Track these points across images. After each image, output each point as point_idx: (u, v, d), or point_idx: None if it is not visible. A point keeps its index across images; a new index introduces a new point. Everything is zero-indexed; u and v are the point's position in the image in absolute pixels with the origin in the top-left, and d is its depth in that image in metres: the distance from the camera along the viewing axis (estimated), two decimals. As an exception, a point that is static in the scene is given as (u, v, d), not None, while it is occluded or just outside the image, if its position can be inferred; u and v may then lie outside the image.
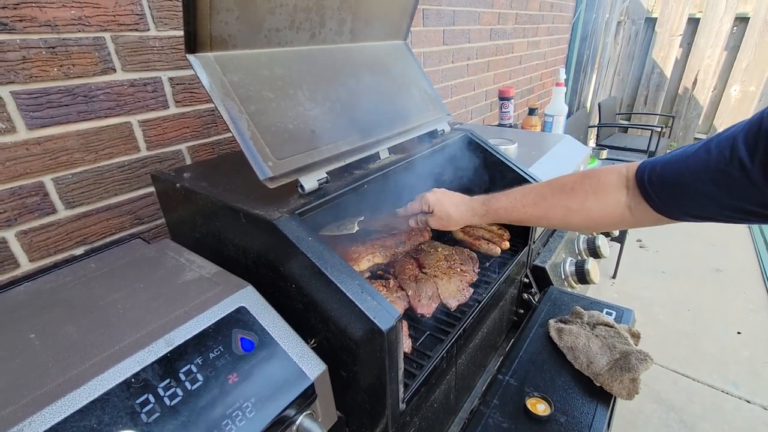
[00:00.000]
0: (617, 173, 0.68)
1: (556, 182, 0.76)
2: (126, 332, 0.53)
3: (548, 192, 0.76)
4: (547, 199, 0.75)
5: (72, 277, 0.68)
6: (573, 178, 0.74)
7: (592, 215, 0.70)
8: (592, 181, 0.71)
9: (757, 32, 4.54)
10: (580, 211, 0.71)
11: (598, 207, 0.70)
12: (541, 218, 0.77)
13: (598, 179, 0.70)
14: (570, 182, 0.73)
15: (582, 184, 0.71)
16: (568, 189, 0.73)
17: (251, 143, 0.63)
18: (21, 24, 0.74)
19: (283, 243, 0.59)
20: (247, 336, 0.56)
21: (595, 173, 0.71)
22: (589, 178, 0.71)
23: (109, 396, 0.45)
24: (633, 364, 0.76)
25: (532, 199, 0.77)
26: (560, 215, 0.74)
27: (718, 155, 0.53)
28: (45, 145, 0.81)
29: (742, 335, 2.26)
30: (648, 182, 0.63)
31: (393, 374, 0.58)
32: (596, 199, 0.70)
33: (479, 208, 0.84)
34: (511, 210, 0.79)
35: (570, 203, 0.72)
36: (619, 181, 0.68)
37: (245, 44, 0.68)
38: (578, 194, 0.71)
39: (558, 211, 0.74)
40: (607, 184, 0.69)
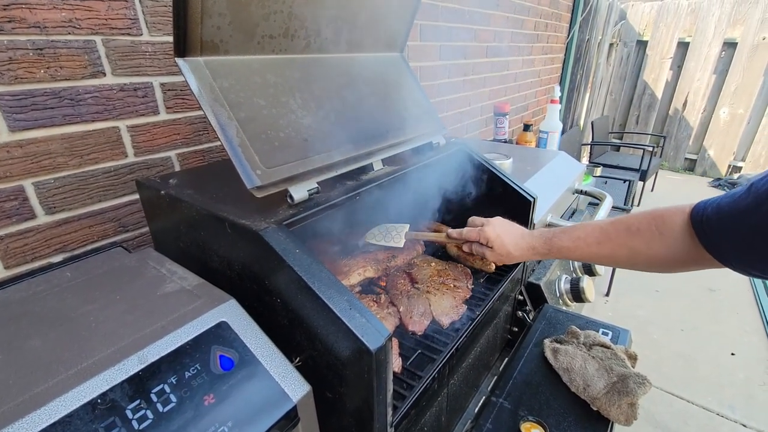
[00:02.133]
0: (682, 213, 0.66)
1: (621, 222, 0.74)
2: (96, 347, 0.50)
3: (613, 232, 0.73)
4: (613, 240, 0.73)
5: (45, 286, 0.65)
6: (638, 218, 0.71)
7: (659, 256, 0.68)
8: (657, 221, 0.68)
9: (744, 57, 4.67)
10: (647, 253, 0.69)
11: (663, 248, 0.67)
12: (605, 258, 0.75)
13: (663, 220, 0.68)
14: (636, 222, 0.71)
15: (648, 224, 0.69)
16: (633, 230, 0.70)
17: (240, 150, 0.61)
18: (9, 25, 0.73)
19: (269, 255, 0.57)
20: (226, 353, 0.52)
21: (660, 213, 0.69)
22: (653, 219, 0.69)
23: (71, 419, 0.42)
24: (631, 388, 0.74)
25: (596, 238, 0.75)
26: (626, 255, 0.72)
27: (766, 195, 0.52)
28: (27, 148, 0.78)
29: (737, 357, 2.24)
30: (701, 222, 0.62)
31: (381, 396, 0.55)
32: (662, 240, 0.67)
33: (541, 247, 0.82)
34: (574, 249, 0.77)
35: (636, 244, 0.70)
36: (683, 222, 0.65)
37: (237, 50, 0.67)
38: (644, 235, 0.69)
39: (623, 252, 0.72)
40: (672, 224, 0.66)
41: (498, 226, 0.86)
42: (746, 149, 4.96)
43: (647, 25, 5.23)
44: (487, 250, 0.86)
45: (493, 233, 0.84)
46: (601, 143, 4.28)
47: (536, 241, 0.82)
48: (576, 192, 1.50)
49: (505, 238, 0.84)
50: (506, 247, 0.83)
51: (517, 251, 0.83)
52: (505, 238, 0.84)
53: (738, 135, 4.91)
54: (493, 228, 0.85)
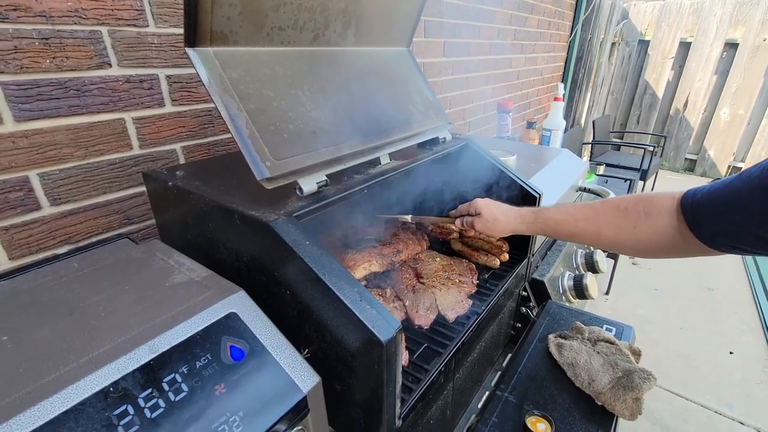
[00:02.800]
0: (671, 198, 0.67)
1: (610, 201, 0.75)
2: (106, 337, 0.49)
3: (601, 209, 0.75)
4: (600, 216, 0.74)
5: (52, 276, 0.65)
6: (627, 198, 0.73)
7: (644, 237, 0.69)
8: (645, 202, 0.70)
9: (746, 58, 4.67)
10: (633, 232, 0.70)
11: (649, 230, 0.68)
12: (592, 235, 0.76)
13: (651, 201, 0.69)
14: (623, 202, 0.73)
15: (636, 205, 0.71)
16: (621, 209, 0.72)
17: (249, 142, 0.61)
18: (15, 13, 0.72)
19: (279, 246, 0.56)
20: (236, 344, 0.52)
21: (650, 196, 0.70)
22: (642, 200, 0.71)
23: (84, 406, 0.42)
24: (636, 382, 0.74)
25: (584, 214, 0.76)
26: (612, 234, 0.73)
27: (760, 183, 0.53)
28: (32, 138, 0.77)
29: (735, 355, 2.25)
30: (691, 209, 0.63)
31: (390, 388, 0.55)
32: (648, 221, 0.68)
33: (528, 216, 0.84)
34: (561, 222, 0.79)
35: (622, 223, 0.71)
36: (671, 206, 0.67)
37: (247, 41, 0.66)
38: (631, 214, 0.70)
39: (610, 230, 0.73)
40: (660, 207, 0.68)
41: (488, 199, 0.90)
42: (746, 150, 4.97)
43: (649, 24, 5.23)
44: (476, 219, 0.88)
45: (482, 202, 0.89)
46: (602, 142, 4.29)
47: (524, 211, 0.86)
48: (579, 189, 1.50)
49: (493, 205, 0.88)
50: (493, 212, 0.86)
51: (504, 218, 0.86)
52: (493, 205, 0.88)
53: (738, 136, 4.92)
54: (483, 199, 0.90)
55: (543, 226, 0.82)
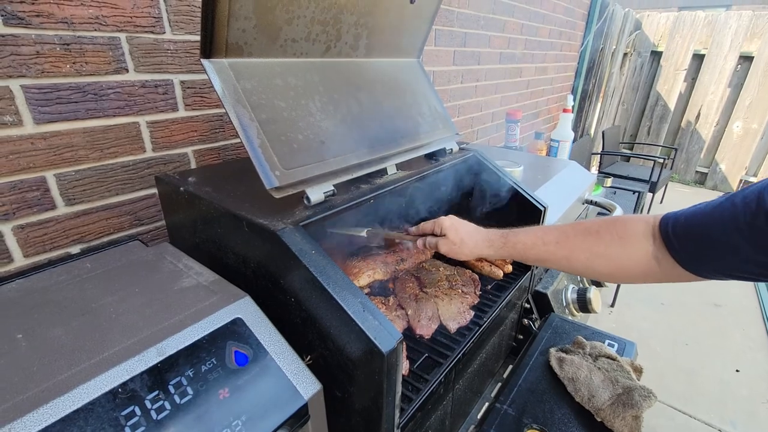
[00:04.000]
0: (644, 222, 0.66)
1: (580, 225, 0.73)
2: (117, 338, 0.51)
3: (571, 232, 0.72)
4: (570, 239, 0.71)
5: (66, 276, 0.67)
6: (598, 222, 0.71)
7: (617, 263, 0.67)
8: (617, 226, 0.68)
9: (761, 72, 4.62)
10: (605, 257, 0.68)
11: (623, 254, 0.66)
12: (562, 259, 0.73)
13: (624, 225, 0.67)
14: (595, 225, 0.70)
15: (607, 228, 0.68)
16: (593, 231, 0.70)
17: (260, 151, 0.62)
18: (38, 19, 0.75)
19: (285, 255, 0.58)
20: (241, 349, 0.54)
21: (621, 219, 0.69)
22: (614, 223, 0.69)
23: (94, 406, 0.43)
24: (636, 400, 0.74)
25: (555, 237, 0.73)
26: (584, 258, 0.70)
27: (744, 208, 0.52)
28: (50, 140, 0.80)
29: (741, 373, 2.22)
30: (672, 233, 0.61)
31: (390, 398, 0.56)
32: (621, 245, 0.66)
33: (496, 240, 0.79)
34: (531, 246, 0.75)
35: (594, 247, 0.69)
36: (645, 230, 0.65)
37: (260, 52, 0.68)
38: (603, 238, 0.68)
39: (581, 254, 0.70)
40: (634, 231, 0.66)
41: (454, 218, 0.84)
42: (759, 164, 4.90)
43: (662, 35, 5.20)
44: (440, 240, 0.82)
45: (448, 221, 0.82)
46: (612, 153, 4.26)
47: (492, 234, 0.81)
48: (586, 202, 1.50)
49: (460, 226, 0.82)
50: (460, 234, 0.80)
51: (471, 241, 0.80)
52: (460, 226, 0.82)
53: (751, 150, 4.86)
54: (449, 218, 0.83)
55: (511, 251, 0.78)
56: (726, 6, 5.77)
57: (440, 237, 0.82)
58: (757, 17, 4.56)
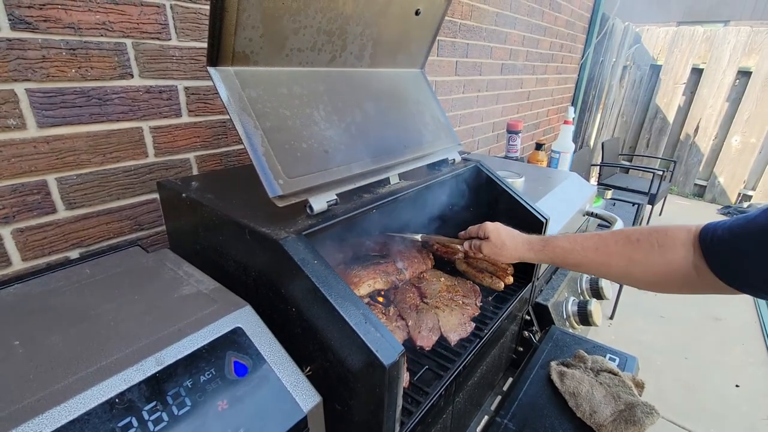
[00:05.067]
0: (686, 230, 0.66)
1: (621, 232, 0.73)
2: (115, 347, 0.50)
3: (611, 239, 0.73)
4: (610, 246, 0.72)
5: (65, 281, 0.66)
6: (640, 229, 0.71)
7: (656, 270, 0.67)
8: (659, 234, 0.68)
9: (759, 87, 4.66)
10: (644, 265, 0.68)
11: (662, 261, 0.66)
12: (601, 265, 0.74)
13: (665, 233, 0.67)
14: (635, 233, 0.71)
15: (648, 236, 0.69)
16: (633, 239, 0.70)
17: (264, 160, 0.62)
18: (45, 24, 0.75)
19: (287, 264, 0.57)
20: (241, 360, 0.53)
21: (663, 228, 0.69)
22: (656, 231, 0.69)
23: (90, 416, 0.42)
24: (638, 417, 0.73)
25: (594, 243, 0.74)
26: (623, 265, 0.70)
27: None
28: (53, 144, 0.80)
29: (741, 389, 2.21)
30: (711, 242, 0.61)
31: (391, 412, 0.55)
32: (662, 253, 0.66)
33: (536, 244, 0.82)
34: (570, 251, 0.76)
35: (634, 254, 0.69)
36: (686, 238, 0.65)
37: (266, 61, 0.69)
38: (643, 245, 0.68)
39: (620, 261, 0.70)
40: (675, 238, 0.66)
41: (498, 223, 0.89)
42: (757, 178, 4.93)
43: (662, 49, 5.25)
44: (484, 243, 0.87)
45: (492, 225, 0.87)
46: (611, 165, 4.28)
47: (533, 238, 0.84)
48: (587, 214, 1.50)
49: (503, 230, 0.86)
50: (502, 237, 0.85)
51: (512, 243, 0.84)
52: (503, 230, 0.86)
53: (749, 164, 4.88)
54: (493, 223, 0.88)
55: (551, 255, 0.80)
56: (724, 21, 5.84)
57: (484, 240, 0.87)
58: (755, 33, 4.62)
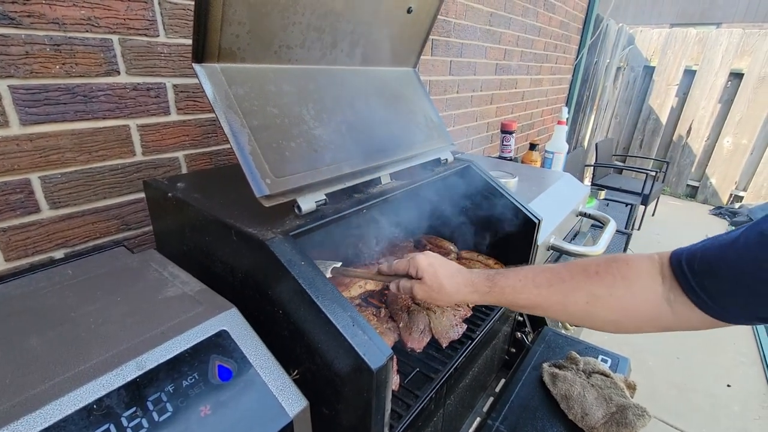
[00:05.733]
0: (649, 259, 0.59)
1: (576, 264, 0.64)
2: (95, 350, 0.49)
3: (566, 273, 0.63)
4: (566, 282, 0.62)
5: (46, 283, 0.64)
6: (597, 260, 0.63)
7: (622, 305, 0.58)
8: (620, 264, 0.60)
9: (750, 88, 4.71)
10: (608, 299, 0.59)
11: (628, 295, 0.58)
12: (556, 304, 0.63)
13: (627, 263, 0.60)
14: (593, 264, 0.62)
15: (608, 267, 0.60)
16: (591, 272, 0.61)
17: (250, 158, 0.61)
18: (28, 19, 0.73)
19: (273, 265, 0.56)
20: (225, 364, 0.52)
21: (623, 257, 0.61)
22: (616, 261, 0.61)
23: (66, 423, 0.41)
24: (630, 419, 0.73)
25: (547, 279, 0.64)
26: (583, 302, 0.61)
27: None
28: (37, 142, 0.78)
29: (733, 388, 2.22)
30: (689, 270, 0.53)
31: (379, 416, 0.54)
32: (626, 285, 0.58)
33: (481, 284, 0.69)
34: (521, 290, 0.65)
35: (594, 288, 0.60)
36: (651, 268, 0.58)
37: (254, 58, 0.67)
38: (604, 278, 0.60)
39: (580, 297, 0.61)
40: (639, 269, 0.58)
41: (432, 256, 0.72)
42: (748, 179, 4.98)
43: (655, 51, 5.29)
44: (416, 284, 0.70)
45: (425, 262, 0.70)
46: (605, 165, 4.30)
47: (476, 277, 0.70)
48: (580, 214, 1.50)
49: (440, 269, 0.70)
50: (439, 278, 0.69)
51: (452, 286, 0.69)
52: (440, 269, 0.70)
53: (741, 165, 4.93)
54: (426, 257, 0.71)
55: (498, 297, 0.67)
56: (717, 24, 5.89)
57: (416, 280, 0.71)
58: (747, 35, 4.66)
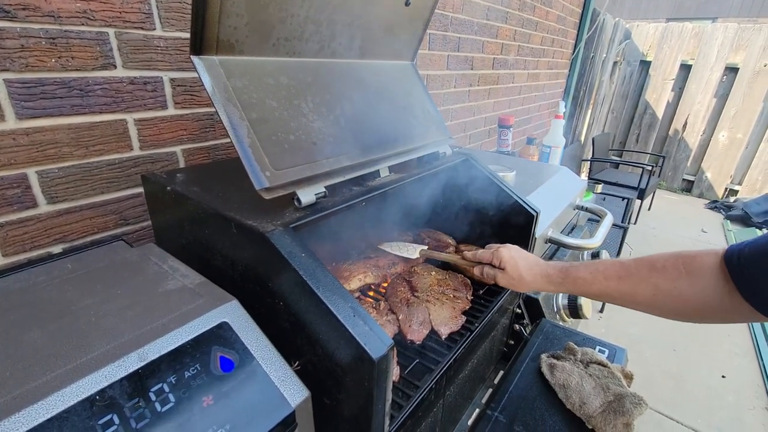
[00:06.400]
0: (714, 254, 0.61)
1: (644, 259, 0.69)
2: (96, 342, 0.49)
3: (634, 267, 0.68)
4: (634, 275, 0.68)
5: (45, 277, 0.64)
6: (664, 255, 0.67)
7: (685, 299, 0.62)
8: (686, 259, 0.63)
9: (745, 83, 4.73)
10: (672, 293, 0.63)
11: (692, 290, 0.61)
12: (625, 295, 0.69)
13: (693, 259, 0.63)
14: (660, 259, 0.66)
15: (674, 262, 0.64)
16: (658, 266, 0.65)
17: (250, 151, 0.61)
18: (24, 12, 0.72)
19: (274, 257, 0.56)
20: (227, 355, 0.52)
21: (690, 253, 0.64)
22: (682, 257, 0.64)
23: (69, 414, 0.41)
24: (627, 408, 0.74)
25: (616, 272, 0.70)
26: (649, 294, 0.66)
27: None
28: (33, 136, 0.77)
29: (727, 379, 2.25)
30: (738, 265, 0.56)
31: (380, 406, 0.54)
32: (690, 280, 0.61)
33: (555, 275, 0.78)
34: (591, 282, 0.73)
35: (660, 282, 0.64)
36: (716, 263, 0.60)
37: (252, 51, 0.67)
38: (669, 273, 0.64)
39: (646, 290, 0.66)
40: (703, 264, 0.61)
41: (513, 249, 0.83)
42: (743, 173, 5.01)
43: (651, 45, 5.30)
44: (498, 273, 0.83)
45: (507, 254, 0.82)
46: (601, 160, 4.32)
47: (551, 269, 0.79)
48: (577, 208, 1.50)
49: (520, 261, 0.81)
50: (519, 269, 0.80)
51: (530, 276, 0.80)
52: (520, 261, 0.81)
53: (736, 159, 4.97)
54: (508, 250, 0.83)
55: (571, 287, 0.76)
56: (712, 18, 5.91)
57: (499, 269, 0.83)
58: (742, 30, 4.68)
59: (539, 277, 0.79)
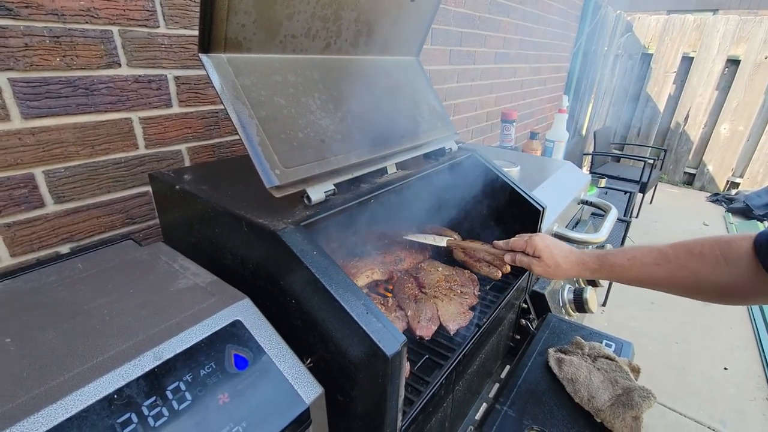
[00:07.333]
0: (749, 238, 0.62)
1: (681, 245, 0.69)
2: (111, 342, 0.49)
3: (672, 253, 0.68)
4: (672, 261, 0.68)
5: (56, 277, 0.64)
6: (701, 241, 0.67)
7: (726, 284, 0.63)
8: (722, 246, 0.64)
9: (747, 75, 4.71)
10: (711, 279, 0.64)
11: (730, 276, 0.62)
12: (663, 281, 0.70)
13: (728, 245, 0.63)
14: (697, 245, 0.66)
15: (711, 248, 0.64)
16: (696, 252, 0.66)
17: (260, 149, 0.61)
18: (27, 11, 0.72)
19: (286, 255, 0.56)
20: (241, 353, 0.52)
21: (726, 238, 0.65)
22: (718, 242, 0.64)
23: (88, 413, 0.41)
24: (636, 401, 0.74)
25: (654, 258, 0.70)
26: (691, 280, 0.66)
27: None
28: (39, 135, 0.77)
29: (729, 371, 2.26)
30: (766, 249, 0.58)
31: (393, 402, 0.55)
32: (728, 266, 0.62)
33: (591, 262, 0.78)
34: (629, 268, 0.73)
35: (699, 268, 0.65)
36: (749, 248, 0.61)
37: (260, 48, 0.67)
38: (708, 259, 0.64)
39: (685, 276, 0.66)
40: (740, 249, 0.62)
41: (547, 238, 0.83)
42: (745, 166, 5.00)
43: (652, 38, 5.27)
44: (534, 261, 0.82)
45: (541, 243, 0.81)
46: (603, 154, 4.31)
47: (587, 256, 0.79)
48: (581, 202, 1.50)
49: (555, 249, 0.80)
50: (555, 258, 0.79)
51: (567, 264, 0.79)
52: (555, 249, 0.80)
53: (737, 151, 4.95)
54: (541, 239, 0.82)
55: (608, 273, 0.76)
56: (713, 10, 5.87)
57: (534, 258, 0.82)
58: (743, 22, 4.64)
59: (576, 265, 0.79)
